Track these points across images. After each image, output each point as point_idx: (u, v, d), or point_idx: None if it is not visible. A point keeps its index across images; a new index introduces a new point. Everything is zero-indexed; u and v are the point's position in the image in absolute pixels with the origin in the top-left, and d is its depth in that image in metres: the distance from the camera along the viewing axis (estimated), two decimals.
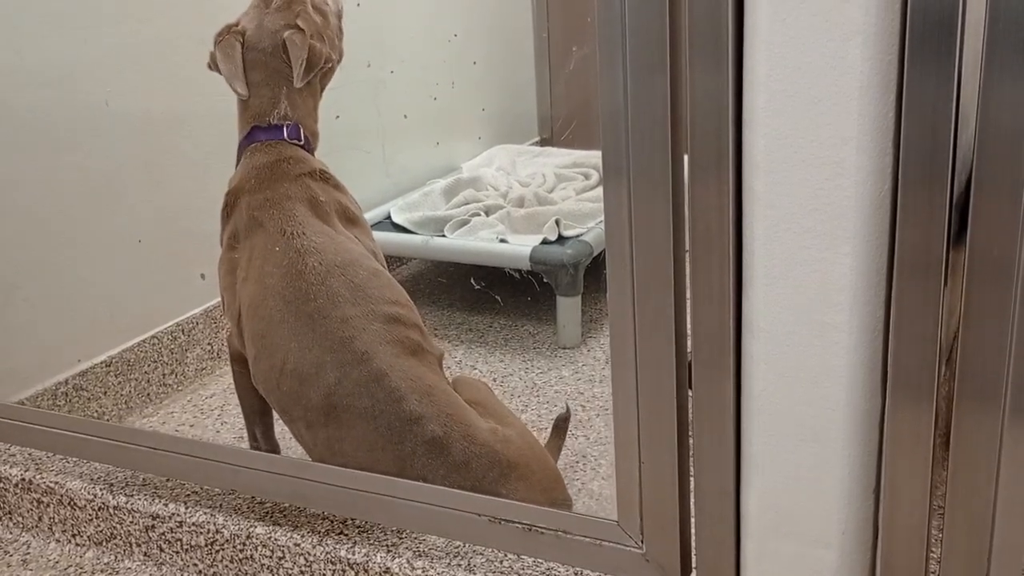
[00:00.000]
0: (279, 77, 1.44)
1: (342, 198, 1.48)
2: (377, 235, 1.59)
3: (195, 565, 1.39)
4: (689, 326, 0.98)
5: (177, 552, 1.40)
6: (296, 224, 1.38)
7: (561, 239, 2.10)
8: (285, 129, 1.44)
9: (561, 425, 1.55)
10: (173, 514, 1.38)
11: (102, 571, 1.44)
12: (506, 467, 1.28)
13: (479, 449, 1.28)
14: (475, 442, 1.28)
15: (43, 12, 1.63)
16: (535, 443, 1.36)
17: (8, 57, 1.60)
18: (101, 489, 1.44)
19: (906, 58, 0.81)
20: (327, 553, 1.27)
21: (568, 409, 1.57)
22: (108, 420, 1.79)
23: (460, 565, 1.21)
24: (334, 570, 1.28)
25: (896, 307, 0.88)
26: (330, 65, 1.47)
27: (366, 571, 1.25)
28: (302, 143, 1.45)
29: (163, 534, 1.40)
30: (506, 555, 1.22)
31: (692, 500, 1.04)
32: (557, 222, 2.12)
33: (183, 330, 1.93)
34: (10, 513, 1.54)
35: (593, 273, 2.07)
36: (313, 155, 1.48)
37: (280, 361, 1.33)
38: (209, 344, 1.98)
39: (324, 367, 1.30)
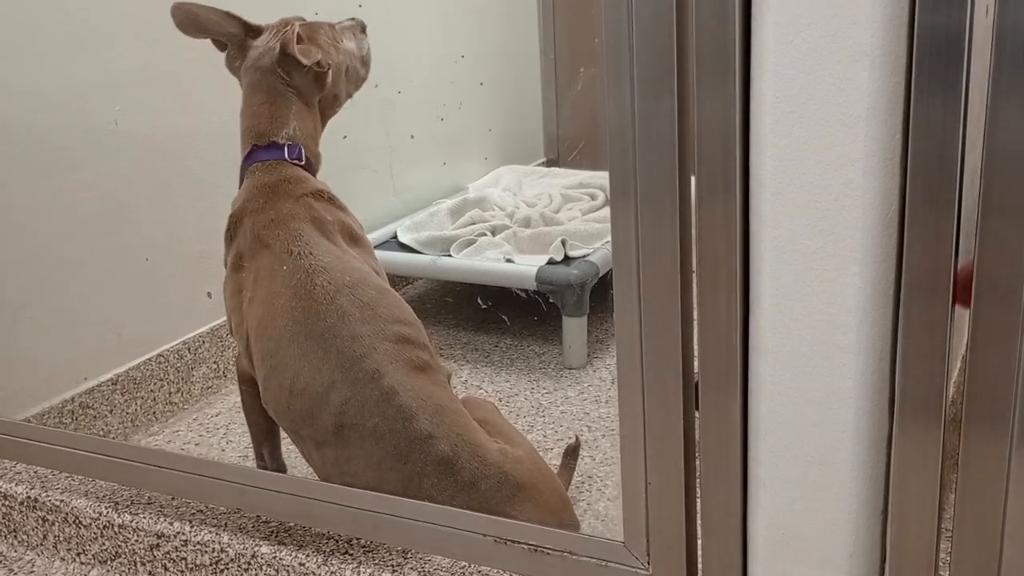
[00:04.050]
0: (279, 96, 1.44)
1: (345, 217, 1.48)
2: (383, 255, 1.59)
3: None
4: (696, 347, 0.98)
5: (182, 571, 1.40)
6: (303, 244, 1.38)
7: (567, 259, 2.10)
8: (286, 149, 1.44)
9: (571, 454, 1.54)
10: (178, 532, 1.38)
11: None
12: (514, 488, 1.27)
13: (488, 470, 1.28)
14: (484, 462, 1.28)
15: (51, 34, 1.64)
16: (543, 464, 1.36)
17: (17, 78, 1.61)
18: (106, 507, 1.44)
19: (913, 79, 0.82)
20: (332, 573, 1.27)
21: (577, 440, 1.57)
22: (114, 438, 1.79)
23: None
24: None
25: (904, 328, 0.88)
26: (322, 71, 1.46)
27: None
28: (303, 163, 1.45)
29: (168, 553, 1.40)
30: None
31: (699, 521, 1.04)
32: (563, 242, 2.12)
33: (189, 348, 1.93)
34: (15, 531, 1.54)
35: (599, 293, 2.07)
36: (315, 177, 1.48)
37: (290, 381, 1.33)
38: (215, 363, 1.99)
39: (334, 386, 1.30)
